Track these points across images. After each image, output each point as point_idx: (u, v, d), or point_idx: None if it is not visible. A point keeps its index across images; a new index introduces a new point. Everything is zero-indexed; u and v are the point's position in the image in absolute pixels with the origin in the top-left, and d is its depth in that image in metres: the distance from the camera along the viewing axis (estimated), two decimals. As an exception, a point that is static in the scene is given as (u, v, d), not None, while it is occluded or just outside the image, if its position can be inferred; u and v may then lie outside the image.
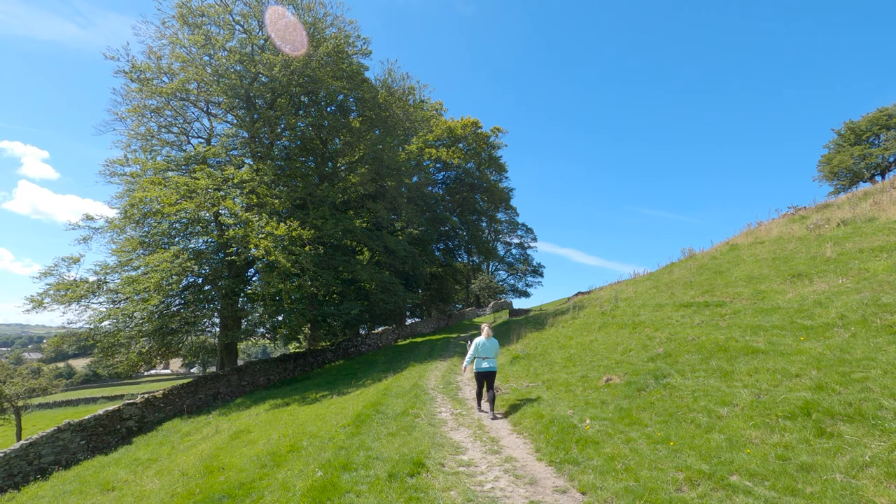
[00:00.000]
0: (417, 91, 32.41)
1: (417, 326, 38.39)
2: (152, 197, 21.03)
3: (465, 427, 8.70)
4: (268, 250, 18.97)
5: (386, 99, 29.79)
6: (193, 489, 8.65)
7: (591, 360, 11.38)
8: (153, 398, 19.73)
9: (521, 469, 6.30)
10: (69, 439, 16.62)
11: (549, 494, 5.41)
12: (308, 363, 27.48)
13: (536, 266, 63.84)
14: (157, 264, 20.56)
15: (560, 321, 18.99)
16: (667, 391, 7.62)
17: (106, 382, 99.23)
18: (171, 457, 13.51)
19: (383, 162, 30.30)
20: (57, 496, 12.50)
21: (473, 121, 51.48)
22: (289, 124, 26.88)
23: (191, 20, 24.38)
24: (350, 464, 6.72)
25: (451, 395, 11.95)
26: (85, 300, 22.07)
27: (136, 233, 23.77)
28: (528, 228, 63.68)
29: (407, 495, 5.40)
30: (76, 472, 15.00)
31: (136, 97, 24.70)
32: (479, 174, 52.39)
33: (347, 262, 26.30)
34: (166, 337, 23.15)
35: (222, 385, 22.60)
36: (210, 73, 23.98)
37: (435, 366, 17.88)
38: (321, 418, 12.00)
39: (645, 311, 14.33)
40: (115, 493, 11.15)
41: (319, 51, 24.45)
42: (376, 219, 30.42)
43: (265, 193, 21.85)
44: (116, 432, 18.08)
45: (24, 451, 15.52)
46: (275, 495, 6.57)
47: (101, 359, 23.62)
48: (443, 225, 44.82)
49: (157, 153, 25.53)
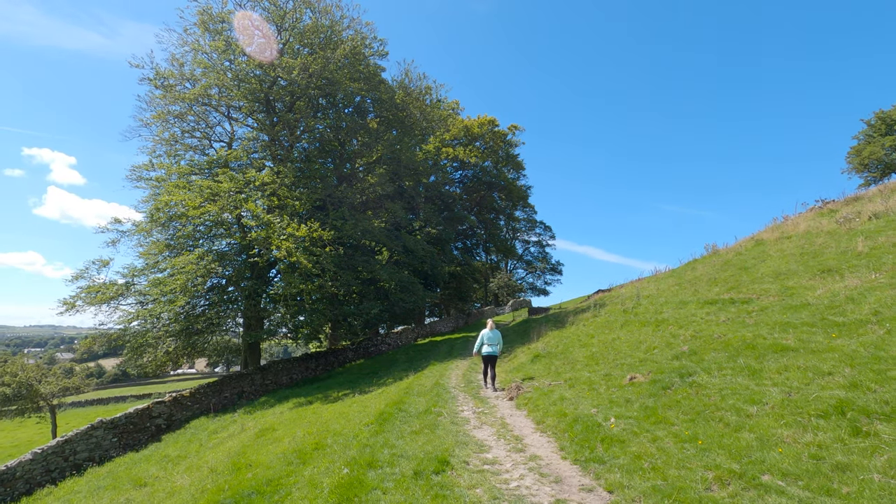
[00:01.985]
0: (434, 91, 32.52)
1: (436, 325, 38.50)
2: (177, 200, 21.53)
3: (487, 426, 8.72)
4: (289, 251, 19.25)
5: (403, 99, 29.93)
6: (223, 485, 8.85)
7: (613, 359, 11.28)
8: (181, 397, 20.22)
9: (545, 467, 6.29)
10: (102, 436, 17.15)
11: (574, 493, 5.39)
12: (329, 362, 27.80)
13: (555, 264, 63.40)
14: (182, 266, 21.04)
15: (581, 319, 18.82)
16: (693, 389, 7.51)
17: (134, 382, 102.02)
18: (199, 454, 13.82)
19: (401, 162, 30.46)
20: (92, 491, 12.91)
21: (490, 119, 51.34)
22: (308, 127, 27.22)
23: (212, 27, 24.86)
24: (375, 461, 6.79)
25: (472, 393, 11.97)
26: (114, 302, 22.75)
27: (162, 236, 24.34)
28: (547, 226, 63.28)
29: (433, 493, 5.44)
30: (109, 469, 15.47)
31: (161, 103, 25.31)
32: (496, 172, 52.22)
33: (367, 262, 26.52)
34: (192, 337, 23.69)
35: (246, 384, 23.03)
36: (230, 77, 24.45)
37: (455, 364, 17.93)
38: (344, 416, 12.14)
39: (668, 308, 14.12)
40: (147, 489, 11.47)
41: (337, 53, 24.71)
42: (395, 219, 30.59)
43: (286, 195, 22.18)
44: (146, 430, 18.59)
45: (60, 447, 16.08)
46: (302, 492, 6.68)
47: (131, 358, 24.30)
48: (461, 224, 44.84)
49: (181, 157, 26.12)
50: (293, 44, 25.79)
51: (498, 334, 12.39)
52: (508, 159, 54.23)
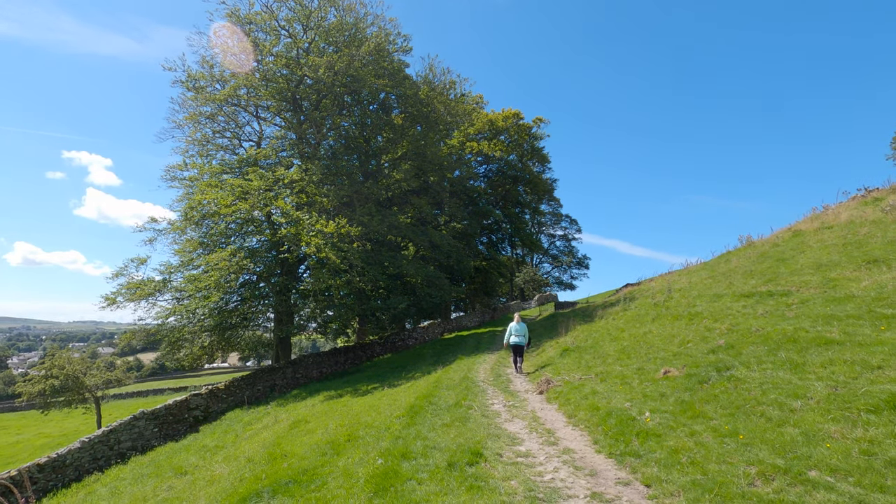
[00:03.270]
0: (458, 85, 32.40)
1: (462, 320, 38.56)
2: (210, 199, 22.13)
3: (519, 419, 8.71)
4: (318, 247, 19.57)
5: (427, 94, 29.92)
6: (260, 474, 9.11)
7: (645, 353, 11.09)
8: (216, 389, 20.87)
9: (580, 460, 6.25)
10: (144, 427, 17.87)
11: (611, 486, 5.34)
12: (358, 356, 28.21)
13: (581, 258, 62.61)
14: (215, 263, 21.64)
15: (610, 313, 18.56)
16: (731, 384, 7.32)
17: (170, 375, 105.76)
18: (235, 444, 14.25)
19: (426, 157, 30.50)
20: (136, 478, 13.47)
21: (515, 112, 50.87)
22: (334, 124, 27.54)
23: (240, 28, 25.36)
24: (409, 453, 6.88)
25: (502, 387, 11.97)
26: (152, 298, 23.58)
27: (196, 234, 25.07)
28: (573, 220, 62.46)
29: (468, 483, 5.48)
30: (151, 457, 16.11)
31: (192, 105, 26.02)
32: (521, 166, 51.77)
33: (393, 257, 26.72)
34: (226, 332, 24.40)
35: (278, 377, 23.59)
36: (258, 78, 24.92)
37: (483, 359, 17.94)
38: (375, 409, 12.31)
39: (701, 301, 13.78)
40: (188, 477, 11.89)
41: (362, 50, 24.87)
42: (420, 214, 30.70)
43: (314, 192, 22.52)
44: (185, 421, 19.27)
45: (105, 437, 16.83)
46: (338, 481, 6.82)
47: (168, 352, 25.21)
48: (486, 218, 44.69)
49: (213, 157, 26.83)
50: (318, 42, 26.08)
51: (524, 326, 14.09)
52: (533, 152, 53.67)
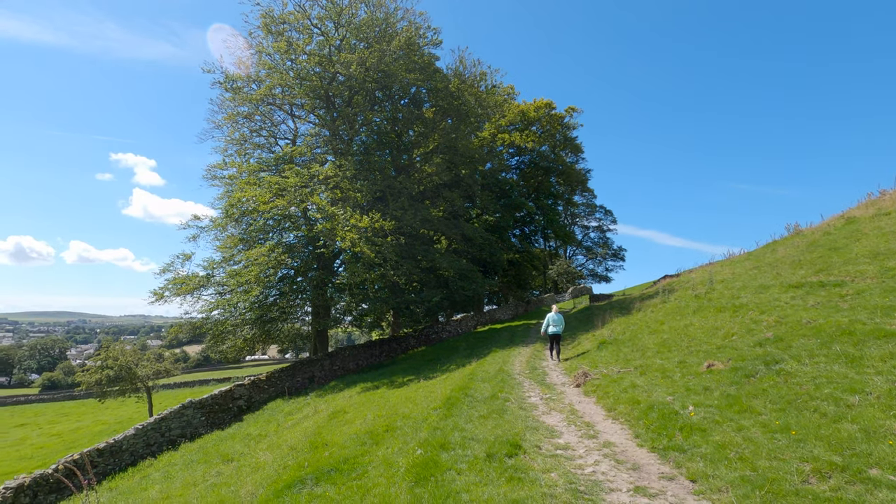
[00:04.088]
0: (489, 77, 32.13)
1: (496, 313, 38.46)
2: (248, 196, 22.82)
3: (556, 412, 8.64)
4: (353, 242, 19.90)
5: (458, 87, 29.81)
6: (302, 462, 9.40)
7: (687, 346, 10.78)
8: (258, 380, 21.61)
9: (621, 454, 6.16)
10: (192, 415, 18.72)
11: (654, 481, 5.24)
12: (392, 349, 28.59)
13: (617, 250, 61.17)
14: (255, 258, 22.33)
15: (648, 305, 18.12)
16: (781, 378, 7.03)
17: (214, 366, 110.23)
18: (278, 433, 14.74)
19: (457, 150, 30.45)
20: (186, 464, 14.15)
21: (547, 102, 50.03)
22: (366, 120, 27.83)
23: (273, 28, 25.88)
24: (447, 443, 6.94)
25: (538, 380, 11.90)
26: (197, 292, 24.56)
27: (236, 230, 25.93)
28: (607, 211, 61.06)
29: (507, 475, 5.49)
30: (199, 444, 16.87)
31: (230, 105, 26.86)
32: (553, 157, 50.93)
33: (426, 251, 26.88)
34: (266, 325, 25.19)
35: (316, 369, 24.21)
36: (292, 76, 25.42)
37: (518, 351, 17.86)
38: (411, 401, 12.47)
39: (746, 293, 13.26)
40: (234, 464, 12.40)
41: (392, 45, 24.98)
42: (452, 207, 30.71)
43: (348, 188, 22.87)
44: (229, 410, 20.06)
45: (157, 424, 17.73)
46: (378, 470, 6.96)
47: (213, 345, 26.25)
48: (518, 211, 44.25)
49: (251, 156, 27.61)
50: (350, 39, 26.35)
51: (562, 317, 15.03)
52: (566, 142, 52.70)
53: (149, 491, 11.72)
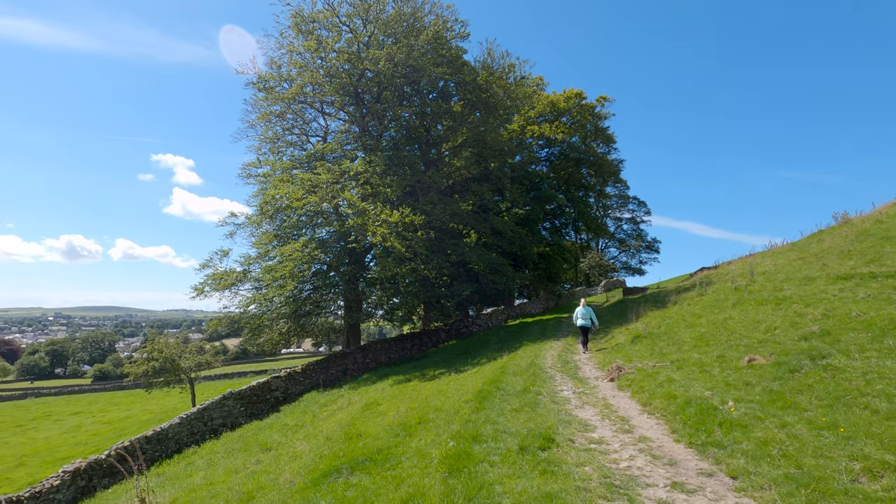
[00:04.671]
0: (517, 68, 31.72)
1: (526, 307, 38.20)
2: (282, 193, 23.37)
3: (590, 406, 8.55)
4: (384, 237, 20.12)
5: (486, 80, 29.60)
6: (338, 452, 9.63)
7: (726, 340, 10.45)
8: (294, 373, 22.21)
9: (657, 449, 6.05)
10: (232, 406, 19.42)
11: (692, 476, 5.13)
12: (423, 343, 28.83)
13: (651, 241, 59.68)
14: (289, 254, 22.88)
15: (684, 298, 17.64)
16: (828, 373, 6.74)
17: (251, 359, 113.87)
18: (313, 424, 15.14)
19: (486, 143, 30.28)
20: (228, 452, 14.71)
21: (577, 92, 49.08)
22: (395, 115, 28.00)
23: (304, 27, 26.29)
24: (479, 436, 6.97)
25: (570, 374, 11.78)
26: (234, 287, 25.39)
27: (270, 227, 26.62)
28: (641, 202, 59.60)
29: (540, 468, 5.47)
30: (239, 434, 17.50)
31: (263, 105, 27.51)
32: (584, 148, 49.98)
33: (456, 245, 26.91)
34: (300, 319, 25.84)
35: (349, 362, 24.67)
36: (322, 74, 25.80)
37: (549, 345, 17.72)
38: (443, 394, 12.57)
39: (790, 285, 12.74)
40: (273, 453, 12.81)
41: (420, 39, 25.00)
42: (481, 201, 30.60)
43: (378, 183, 23.11)
44: (267, 401, 20.71)
45: (200, 414, 18.49)
46: (411, 461, 7.07)
47: (250, 338, 27.12)
48: (548, 203, 43.68)
49: (283, 154, 28.24)
50: (378, 35, 26.51)
51: (590, 310, 15.83)
52: (597, 133, 51.61)
53: (193, 477, 12.25)
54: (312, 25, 26.23)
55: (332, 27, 26.48)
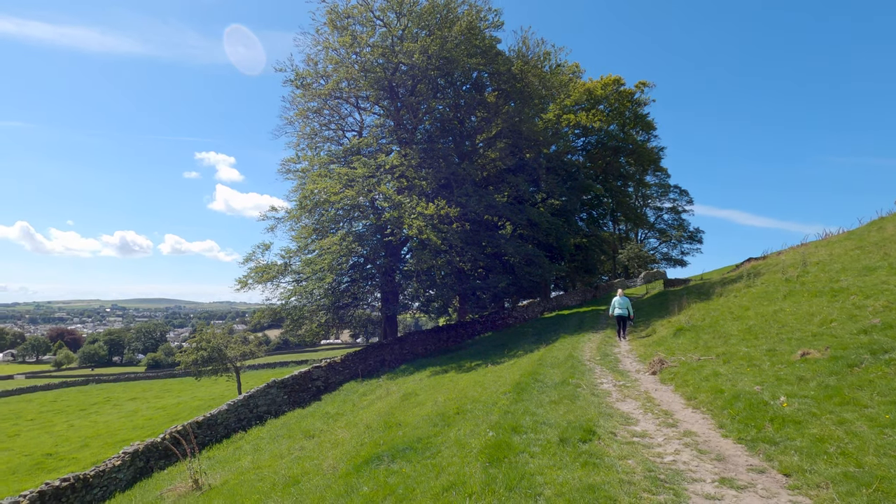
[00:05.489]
0: (553, 56, 31.11)
1: (563, 299, 37.70)
2: (320, 188, 23.89)
3: (631, 399, 8.39)
4: (420, 229, 20.28)
5: (521, 69, 29.18)
6: (378, 440, 9.85)
7: (777, 333, 10.00)
8: (334, 363, 22.79)
9: (703, 444, 5.88)
10: (276, 394, 20.14)
11: (742, 473, 4.97)
12: (459, 334, 28.95)
13: (693, 232, 57.54)
14: (328, 247, 23.42)
15: (730, 290, 16.98)
16: (891, 368, 6.36)
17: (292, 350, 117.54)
18: (353, 413, 15.52)
19: (521, 134, 29.92)
20: (273, 438, 15.30)
21: (615, 78, 47.69)
22: (429, 108, 28.05)
23: (338, 24, 26.63)
24: (519, 427, 6.97)
25: (610, 367, 11.59)
26: (276, 280, 26.26)
27: (309, 221, 27.30)
28: (683, 190, 57.51)
29: (582, 460, 5.43)
30: (283, 421, 18.14)
31: (300, 101, 28.10)
32: (622, 136, 48.58)
33: (491, 236, 26.82)
34: (339, 310, 26.47)
35: (387, 353, 25.10)
36: (357, 69, 26.09)
37: (587, 337, 17.46)
38: (480, 385, 12.62)
39: (847, 275, 12.06)
40: (315, 440, 13.23)
41: (453, 31, 24.88)
42: (517, 192, 30.32)
43: (413, 176, 23.28)
44: (308, 390, 21.36)
45: (246, 401, 19.27)
46: (451, 450, 7.14)
47: (291, 329, 28.00)
48: (585, 193, 42.80)
49: (321, 149, 28.85)
50: (411, 28, 26.53)
51: (627, 300, 16.29)
52: (636, 120, 50.05)
53: (241, 461, 12.80)
54: (347, 21, 26.53)
55: (367, 22, 26.70)
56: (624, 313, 16.11)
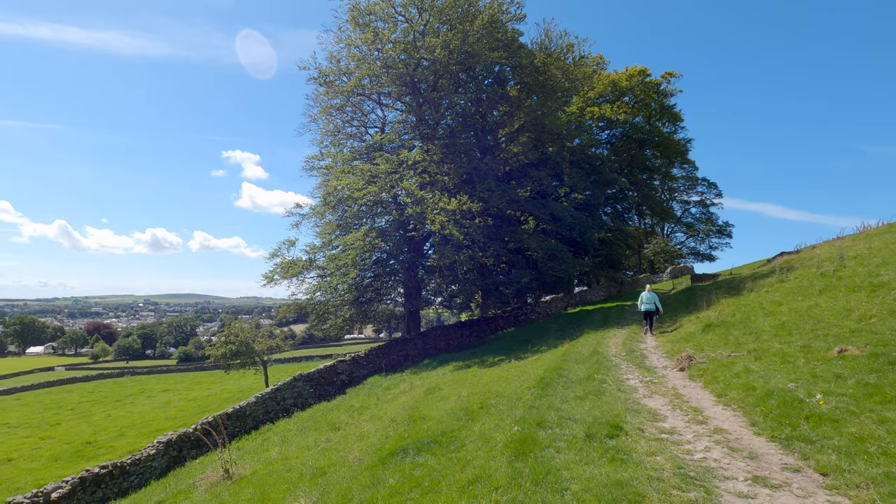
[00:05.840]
0: (576, 48, 30.66)
1: (586, 294, 37.27)
2: (343, 184, 24.15)
3: (659, 395, 8.25)
4: (442, 224, 20.31)
5: (543, 61, 28.83)
6: (403, 434, 9.94)
7: (812, 329, 9.68)
8: (358, 357, 23.08)
9: (735, 442, 5.75)
10: (302, 387, 20.52)
11: (776, 471, 4.84)
12: (482, 330, 28.95)
13: (722, 225, 55.95)
14: (351, 243, 23.68)
15: (762, 285, 16.49)
16: (937, 366, 6.08)
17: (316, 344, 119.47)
18: (378, 406, 15.70)
19: (543, 128, 29.61)
20: (300, 430, 15.60)
21: (640, 69, 46.66)
22: (450, 103, 27.98)
23: (360, 21, 26.77)
24: (544, 422, 6.94)
25: (636, 363, 11.41)
26: (301, 275, 26.67)
27: (333, 217, 27.64)
28: (711, 183, 55.91)
29: (609, 456, 5.37)
30: (309, 414, 18.48)
31: (324, 99, 28.40)
32: (648, 128, 47.52)
33: (514, 231, 26.67)
34: (363, 305, 26.76)
35: (410, 348, 25.28)
36: (379, 66, 26.21)
37: (613, 333, 17.24)
38: (504, 380, 12.60)
39: (888, 269, 11.58)
40: (341, 432, 13.44)
41: (475, 25, 24.73)
42: (539, 186, 30.03)
43: (435, 172, 23.29)
44: (333, 384, 21.70)
45: (273, 394, 19.69)
46: (475, 444, 7.17)
47: (316, 323, 28.46)
48: (610, 187, 42.12)
49: (344, 146, 29.14)
50: (433, 23, 26.48)
51: (654, 295, 16.43)
52: (663, 111, 48.88)
53: (270, 452, 13.10)
54: (369, 18, 26.64)
55: (388, 18, 26.76)
56: (651, 308, 16.30)
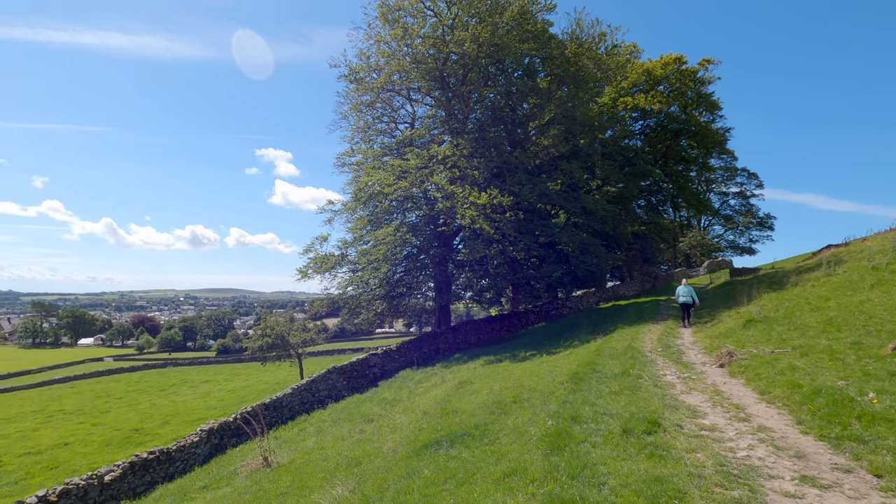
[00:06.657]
0: (609, 37, 29.93)
1: (619, 289, 36.54)
2: (374, 180, 24.39)
3: (697, 391, 8.05)
4: (472, 219, 20.28)
5: (574, 52, 28.30)
6: (436, 426, 10.04)
7: (863, 325, 9.23)
8: (390, 350, 23.39)
9: (780, 440, 5.56)
10: (336, 380, 20.97)
11: (825, 471, 4.66)
12: (513, 324, 28.81)
13: (763, 218, 53.77)
14: (382, 238, 23.94)
15: (807, 279, 15.80)
16: None
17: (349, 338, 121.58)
18: (410, 399, 15.88)
19: (574, 119, 29.09)
20: (334, 421, 15.96)
21: (676, 57, 45.16)
22: (480, 97, 27.82)
23: (390, 17, 26.87)
24: (578, 416, 6.88)
25: (673, 358, 11.15)
26: (333, 270, 27.15)
27: (364, 212, 27.97)
28: (751, 174, 53.78)
29: (647, 451, 5.28)
30: (343, 405, 18.87)
31: (354, 96, 28.71)
32: (684, 117, 46.00)
33: (545, 225, 26.39)
34: (394, 300, 27.07)
35: (441, 342, 25.42)
36: (409, 61, 26.27)
37: (648, 328, 16.87)
38: (536, 374, 12.53)
39: (949, 262, 10.88)
40: (374, 424, 13.68)
41: (505, 16, 24.48)
42: (571, 179, 29.57)
43: (465, 166, 23.25)
44: (366, 377, 22.07)
45: (308, 386, 20.20)
46: (509, 437, 7.17)
47: (349, 317, 28.95)
48: (643, 179, 41.02)
49: (374, 142, 29.42)
50: (462, 17, 26.34)
51: (690, 288, 16.91)
52: (700, 100, 47.20)
53: (306, 442, 13.47)
54: (398, 13, 26.71)
55: (417, 13, 26.77)
56: (689, 300, 16.70)
